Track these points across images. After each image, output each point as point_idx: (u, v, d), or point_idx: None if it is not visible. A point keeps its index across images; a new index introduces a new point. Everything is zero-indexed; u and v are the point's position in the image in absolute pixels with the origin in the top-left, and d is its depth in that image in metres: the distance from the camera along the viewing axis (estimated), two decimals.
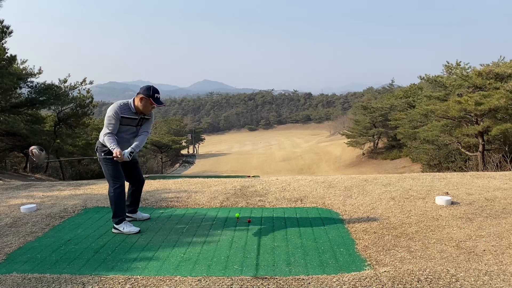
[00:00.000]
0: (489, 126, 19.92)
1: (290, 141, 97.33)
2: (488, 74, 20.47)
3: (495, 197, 4.99)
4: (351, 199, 5.23)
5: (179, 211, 5.08)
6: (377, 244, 3.67)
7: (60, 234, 4.28)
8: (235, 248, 3.72)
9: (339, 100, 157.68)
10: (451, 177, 6.37)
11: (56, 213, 5.02)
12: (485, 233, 3.83)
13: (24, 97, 19.09)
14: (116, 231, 4.30)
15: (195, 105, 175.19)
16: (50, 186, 7.15)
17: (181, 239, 4.00)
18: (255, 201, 5.39)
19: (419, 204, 4.87)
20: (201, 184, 6.46)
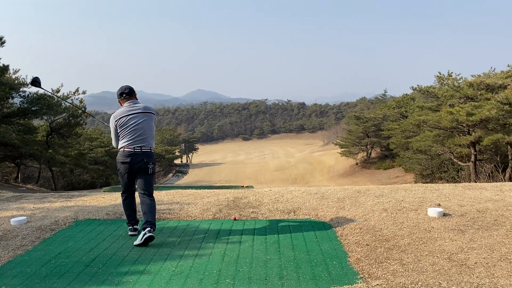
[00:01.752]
0: (480, 136, 20.10)
1: (284, 151, 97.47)
2: (479, 85, 20.70)
3: (486, 209, 5.02)
4: (344, 211, 5.23)
5: (171, 223, 5.05)
6: (369, 256, 3.67)
7: (51, 247, 4.24)
8: (227, 261, 3.70)
9: (332, 110, 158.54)
10: (443, 188, 6.40)
11: (47, 225, 4.97)
12: (477, 245, 3.84)
13: (16, 107, 18.98)
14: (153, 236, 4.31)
15: (189, 115, 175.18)
16: (41, 197, 7.08)
17: (173, 252, 3.97)
18: (248, 212, 5.37)
19: (411, 215, 4.88)
20: (193, 196, 6.43)
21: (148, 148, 4.35)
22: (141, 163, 4.29)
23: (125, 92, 4.50)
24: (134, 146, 4.29)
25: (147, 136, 4.36)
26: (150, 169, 4.35)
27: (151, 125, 4.44)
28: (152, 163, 4.38)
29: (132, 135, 4.31)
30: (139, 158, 4.28)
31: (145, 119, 4.38)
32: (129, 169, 4.32)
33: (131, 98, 4.52)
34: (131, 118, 4.36)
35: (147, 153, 4.33)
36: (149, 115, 4.44)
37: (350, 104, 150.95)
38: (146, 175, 4.37)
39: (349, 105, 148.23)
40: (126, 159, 4.29)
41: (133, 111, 4.39)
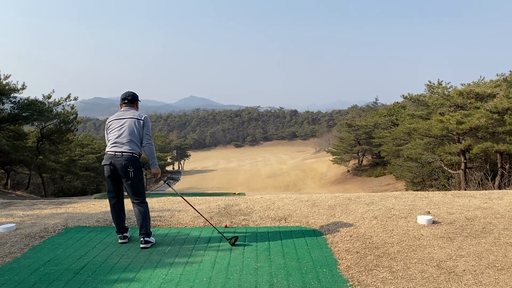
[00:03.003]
0: (470, 145, 20.30)
1: (276, 158, 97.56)
2: (468, 94, 20.95)
3: (475, 217, 5.07)
4: (335, 218, 5.25)
5: (161, 230, 5.03)
6: (359, 264, 3.69)
7: (40, 254, 4.20)
8: (217, 269, 3.70)
9: (324, 117, 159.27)
10: (433, 196, 6.45)
11: (36, 232, 4.93)
12: (465, 252, 3.88)
13: (7, 113, 18.83)
14: (149, 245, 4.35)
15: (181, 121, 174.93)
16: (31, 204, 7.02)
17: (163, 260, 3.96)
18: (239, 220, 5.38)
19: (401, 223, 4.92)
20: (184, 203, 6.40)
21: (129, 152, 4.30)
22: (121, 167, 4.27)
23: (128, 98, 4.60)
24: (115, 150, 4.30)
25: (129, 141, 4.32)
26: (130, 173, 4.29)
27: (135, 130, 4.38)
28: (133, 167, 4.31)
29: (114, 139, 4.35)
30: (119, 162, 4.27)
31: (130, 123, 4.38)
32: (110, 172, 4.34)
33: (131, 105, 4.59)
34: (117, 122, 4.42)
35: (128, 157, 4.29)
36: (135, 120, 4.42)
37: (342, 111, 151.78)
38: (129, 180, 4.34)
39: (341, 112, 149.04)
40: (107, 162, 4.32)
41: (121, 116, 4.44)
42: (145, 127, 4.47)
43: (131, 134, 4.36)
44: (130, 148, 4.32)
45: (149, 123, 4.55)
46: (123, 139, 4.33)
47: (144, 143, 4.45)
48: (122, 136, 4.34)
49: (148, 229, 4.43)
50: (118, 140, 4.33)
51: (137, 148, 4.39)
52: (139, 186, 4.44)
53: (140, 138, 4.43)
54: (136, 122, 4.42)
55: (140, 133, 4.42)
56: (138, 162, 4.39)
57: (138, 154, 4.41)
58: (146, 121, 4.51)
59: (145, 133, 4.46)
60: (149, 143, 4.47)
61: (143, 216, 4.41)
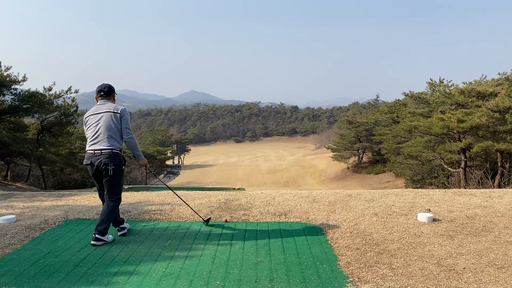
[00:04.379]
0: (471, 143, 20.29)
1: (276, 154, 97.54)
2: (470, 92, 20.91)
3: (475, 215, 5.07)
4: (335, 215, 5.25)
5: (162, 224, 5.03)
6: (359, 260, 3.69)
7: (40, 246, 4.20)
8: (217, 263, 3.70)
9: (325, 114, 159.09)
10: (434, 194, 6.45)
11: (36, 224, 4.93)
12: (465, 250, 3.88)
13: (7, 104, 18.80)
14: (101, 243, 4.22)
15: (182, 116, 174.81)
16: (31, 196, 7.03)
17: (163, 253, 3.97)
18: (239, 215, 5.37)
19: (401, 220, 4.91)
20: (184, 197, 6.41)
21: (108, 149, 4.20)
22: (101, 165, 4.18)
23: (104, 90, 4.44)
24: (94, 148, 4.21)
25: (107, 137, 4.21)
26: (110, 170, 4.20)
27: (112, 124, 4.25)
28: (113, 165, 4.21)
29: (91, 136, 4.25)
30: (98, 160, 4.18)
31: (106, 118, 4.25)
32: (92, 171, 4.26)
33: (107, 98, 4.43)
34: (93, 118, 4.30)
35: (107, 154, 4.19)
36: (112, 114, 4.27)
37: (342, 108, 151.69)
38: (107, 177, 4.24)
39: (342, 109, 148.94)
40: (87, 162, 4.25)
41: (97, 111, 4.31)
42: (123, 121, 4.33)
43: (109, 130, 4.23)
44: (109, 144, 4.21)
45: (127, 115, 4.39)
46: (101, 136, 4.22)
47: (125, 137, 4.33)
48: (100, 132, 4.23)
49: (106, 228, 4.26)
50: (96, 137, 4.22)
51: (117, 143, 4.27)
52: (116, 184, 4.32)
53: (119, 133, 4.30)
54: (112, 116, 4.27)
55: (118, 127, 4.29)
56: (119, 158, 4.29)
57: (119, 149, 4.29)
58: (123, 114, 4.35)
59: (124, 127, 4.33)
60: (130, 137, 4.34)
61: (108, 214, 4.28)
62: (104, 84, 4.49)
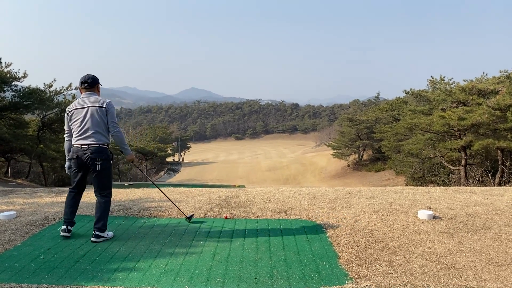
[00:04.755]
0: (471, 141, 20.27)
1: (276, 151, 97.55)
2: (471, 90, 20.88)
3: (476, 212, 5.07)
4: (335, 212, 5.25)
5: (162, 221, 5.03)
6: (359, 257, 3.69)
7: (40, 242, 4.20)
8: (217, 260, 3.70)
9: (325, 111, 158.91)
10: (434, 191, 6.45)
11: (37, 220, 4.93)
12: (466, 248, 3.88)
13: (8, 101, 18.79)
14: (101, 240, 4.23)
15: (182, 113, 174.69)
16: (31, 192, 7.03)
17: (163, 250, 3.97)
18: (240, 212, 5.38)
19: (401, 218, 4.91)
20: (185, 194, 6.42)
21: (96, 144, 4.16)
22: (88, 160, 4.15)
23: (87, 81, 4.33)
24: (81, 143, 4.17)
25: (94, 132, 4.17)
26: (97, 165, 4.17)
27: (99, 119, 4.20)
28: (101, 159, 4.18)
29: (78, 131, 4.19)
30: (86, 155, 4.15)
31: (92, 113, 4.18)
32: (77, 165, 4.22)
33: (91, 90, 4.35)
34: (79, 112, 4.22)
35: (95, 149, 4.15)
36: (97, 109, 4.21)
37: (343, 106, 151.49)
38: (95, 173, 4.22)
39: (342, 107, 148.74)
40: (74, 155, 4.20)
41: (82, 105, 4.24)
42: (109, 115, 4.27)
43: (96, 125, 4.19)
44: (96, 139, 4.17)
45: (112, 109, 4.33)
46: (88, 131, 4.17)
47: (112, 132, 4.28)
48: (86, 127, 4.17)
49: (104, 224, 4.27)
50: (83, 132, 4.17)
51: (104, 138, 4.24)
52: (106, 179, 4.30)
53: (105, 127, 4.25)
54: (98, 110, 4.21)
55: (104, 121, 4.24)
56: (106, 153, 4.26)
57: (106, 144, 4.26)
58: (109, 107, 4.28)
59: (110, 121, 4.27)
60: (117, 131, 4.29)
61: (103, 210, 4.27)
62: (87, 75, 4.39)
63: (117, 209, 5.48)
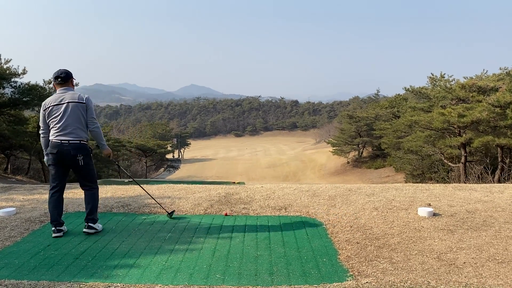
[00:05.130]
0: (471, 138, 20.27)
1: (276, 148, 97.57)
2: (471, 87, 20.86)
3: (476, 210, 5.06)
4: (335, 209, 5.24)
5: (162, 217, 5.03)
6: (359, 254, 3.69)
7: (40, 239, 4.20)
8: (217, 256, 3.70)
9: (325, 108, 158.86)
10: (434, 189, 6.44)
11: (36, 217, 4.93)
12: (466, 245, 3.87)
13: (7, 97, 18.77)
14: (93, 231, 4.35)
15: (182, 110, 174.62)
16: (31, 189, 7.02)
17: (163, 246, 3.96)
18: (239, 208, 5.37)
19: (401, 215, 4.91)
20: (185, 190, 6.41)
21: (77, 140, 4.17)
22: (69, 156, 4.15)
23: (61, 76, 4.29)
24: (61, 138, 4.15)
25: (75, 128, 4.17)
26: (80, 161, 4.19)
27: (79, 115, 4.20)
28: (82, 155, 4.20)
29: (58, 127, 4.16)
30: (67, 151, 4.14)
31: (72, 109, 4.17)
32: (56, 160, 4.20)
33: (66, 85, 4.31)
34: (57, 108, 4.19)
35: (76, 144, 4.16)
36: (76, 104, 4.19)
37: (343, 103, 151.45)
38: (78, 168, 4.24)
39: (342, 104, 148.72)
40: (53, 151, 4.17)
41: (60, 101, 4.20)
42: (88, 111, 4.28)
43: (76, 121, 4.19)
44: (76, 135, 4.18)
45: (91, 104, 4.32)
46: (68, 127, 4.15)
47: (91, 127, 4.30)
48: (67, 123, 4.15)
49: (94, 216, 4.40)
50: (63, 128, 4.15)
51: (84, 133, 4.26)
52: (89, 172, 4.37)
53: (85, 123, 4.27)
54: (79, 106, 4.20)
55: (84, 117, 4.25)
56: (87, 149, 4.29)
57: (86, 139, 4.29)
58: (88, 103, 4.29)
59: (89, 117, 4.28)
60: (96, 127, 4.31)
61: (91, 202, 4.38)
62: (60, 70, 4.34)
63: (117, 206, 5.47)
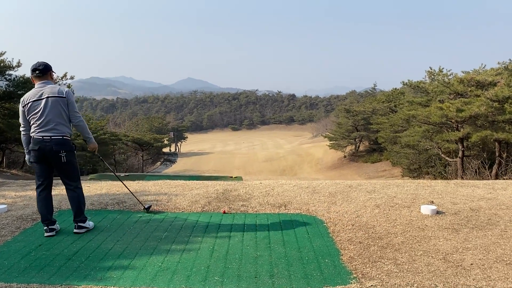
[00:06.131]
0: (469, 133, 20.19)
1: (273, 142, 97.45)
2: (469, 82, 20.74)
3: (480, 207, 4.95)
4: (336, 206, 5.12)
5: (158, 215, 4.88)
6: (362, 255, 3.56)
7: (31, 238, 4.05)
8: (216, 257, 3.57)
9: (322, 102, 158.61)
10: (436, 185, 6.32)
11: (28, 215, 4.78)
12: (472, 245, 3.76)
13: (2, 90, 18.52)
14: (83, 230, 4.21)
15: (179, 103, 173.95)
16: (24, 185, 6.86)
17: (160, 247, 3.83)
18: (238, 206, 5.24)
19: (404, 212, 4.79)
20: (182, 187, 6.27)
21: (59, 135, 4.00)
22: (52, 152, 3.98)
23: (39, 69, 4.11)
24: (42, 134, 3.97)
25: (56, 123, 3.99)
26: (62, 157, 4.01)
27: (60, 110, 4.01)
28: (65, 151, 4.02)
29: (39, 123, 3.98)
30: (49, 147, 3.97)
31: (53, 103, 3.99)
32: (38, 157, 4.02)
33: (44, 78, 4.14)
34: (37, 104, 4.01)
35: (58, 140, 3.98)
36: (57, 99, 4.01)
37: (340, 97, 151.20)
38: (61, 164, 4.06)
39: (339, 98, 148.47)
40: (35, 147, 4.00)
41: (40, 96, 4.03)
42: (70, 105, 4.09)
43: (57, 116, 4.00)
44: (59, 131, 4.00)
45: (72, 97, 4.14)
46: (50, 123, 3.97)
47: (75, 121, 4.12)
48: (48, 119, 3.97)
49: (83, 216, 4.24)
50: (44, 124, 3.97)
51: (67, 129, 4.08)
52: (73, 170, 4.20)
53: (67, 118, 4.09)
54: (59, 101, 4.02)
55: (66, 112, 4.06)
56: (70, 145, 4.11)
57: (69, 135, 4.11)
58: (69, 97, 4.10)
59: (72, 111, 4.10)
60: (79, 120, 4.14)
61: (77, 202, 4.21)
62: (38, 62, 4.16)
63: (112, 203, 5.33)
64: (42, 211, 4.14)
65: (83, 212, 4.27)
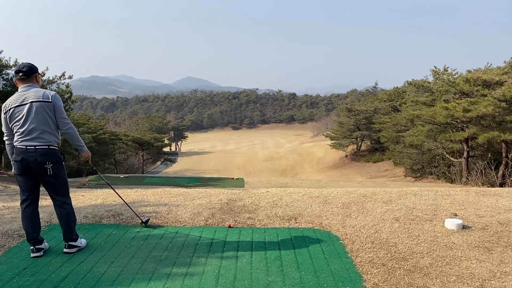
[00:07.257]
0: (475, 133, 19.78)
1: (274, 141, 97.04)
2: (475, 81, 20.31)
3: (509, 221, 4.53)
4: (351, 219, 4.70)
5: (157, 230, 4.45)
6: (388, 281, 3.15)
7: (16, 259, 3.63)
8: (222, 284, 3.15)
9: (323, 101, 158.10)
10: (455, 194, 5.91)
11: (15, 230, 4.36)
12: (510, 269, 3.34)
13: None
14: (74, 250, 3.80)
15: (179, 102, 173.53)
16: (14, 194, 6.45)
17: (159, 270, 3.41)
18: (244, 218, 4.82)
19: (427, 227, 4.37)
20: (183, 196, 5.85)
21: (44, 145, 3.57)
22: (36, 164, 3.54)
23: (22, 71, 3.66)
24: (26, 144, 3.54)
25: (41, 131, 3.57)
26: (48, 169, 3.59)
27: (46, 116, 3.59)
28: (51, 162, 3.60)
29: (22, 131, 3.55)
30: (33, 158, 3.53)
31: (37, 109, 3.57)
32: (22, 169, 3.58)
33: (29, 81, 3.69)
34: (20, 110, 3.57)
35: (43, 150, 3.56)
36: (42, 104, 3.59)
37: (341, 96, 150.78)
38: (47, 177, 3.63)
39: (340, 96, 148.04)
40: (17, 158, 3.56)
41: (23, 102, 3.58)
42: (57, 110, 3.66)
43: (43, 123, 3.58)
44: (44, 140, 3.58)
45: (60, 102, 3.71)
46: (34, 131, 3.56)
47: (63, 129, 3.70)
48: (32, 126, 3.55)
49: (73, 234, 3.79)
50: (27, 132, 3.54)
51: (53, 137, 3.66)
52: (61, 184, 3.75)
53: (54, 124, 3.67)
54: (44, 106, 3.60)
55: (52, 118, 3.65)
56: (57, 155, 3.68)
57: (56, 144, 3.69)
58: (55, 101, 3.67)
59: (59, 117, 3.67)
60: (69, 127, 3.71)
61: (66, 220, 3.75)
62: (23, 64, 3.72)
63: (107, 216, 4.90)
64: (28, 229, 3.69)
65: (74, 230, 3.82)
